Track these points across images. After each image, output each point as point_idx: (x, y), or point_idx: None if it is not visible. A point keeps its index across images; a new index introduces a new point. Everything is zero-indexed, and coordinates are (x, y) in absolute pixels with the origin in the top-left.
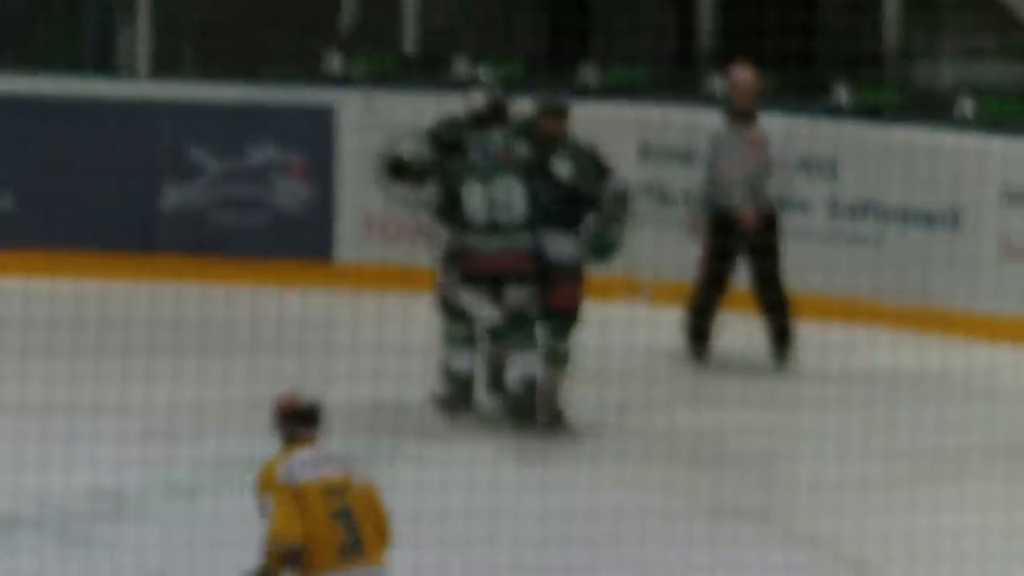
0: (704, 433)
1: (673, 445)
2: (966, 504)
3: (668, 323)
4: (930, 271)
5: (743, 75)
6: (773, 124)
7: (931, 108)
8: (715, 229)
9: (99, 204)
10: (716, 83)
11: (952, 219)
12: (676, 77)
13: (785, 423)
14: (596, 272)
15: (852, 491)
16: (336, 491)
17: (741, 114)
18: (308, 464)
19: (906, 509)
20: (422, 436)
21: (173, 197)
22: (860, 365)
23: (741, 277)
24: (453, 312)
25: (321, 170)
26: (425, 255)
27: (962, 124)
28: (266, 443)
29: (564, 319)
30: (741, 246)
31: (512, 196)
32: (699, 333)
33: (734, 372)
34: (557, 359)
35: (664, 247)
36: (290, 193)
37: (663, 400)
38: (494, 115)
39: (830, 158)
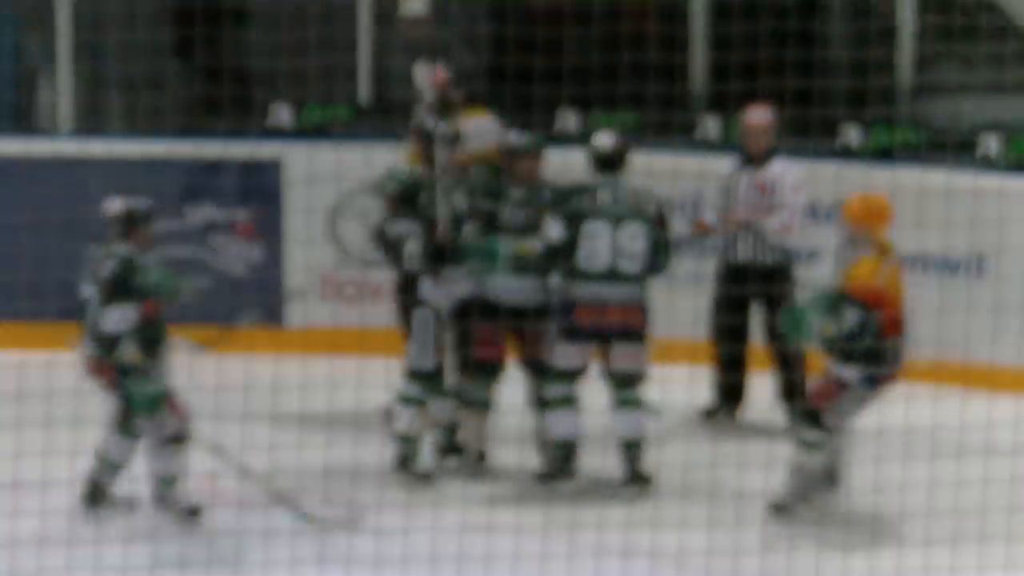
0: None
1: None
2: (987, 566)
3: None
4: (949, 321)
5: (753, 115)
6: (789, 167)
7: (951, 147)
8: (724, 279)
9: (23, 269)
10: (710, 126)
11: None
12: (667, 121)
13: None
14: None
15: (863, 553)
16: None
17: (751, 157)
18: None
19: (922, 573)
20: (380, 505)
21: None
22: (872, 421)
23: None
24: (553, 374)
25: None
26: (380, 317)
27: (985, 164)
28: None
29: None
30: (752, 296)
31: (636, 245)
32: (730, 390)
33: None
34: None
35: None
36: (235, 254)
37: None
38: (620, 159)
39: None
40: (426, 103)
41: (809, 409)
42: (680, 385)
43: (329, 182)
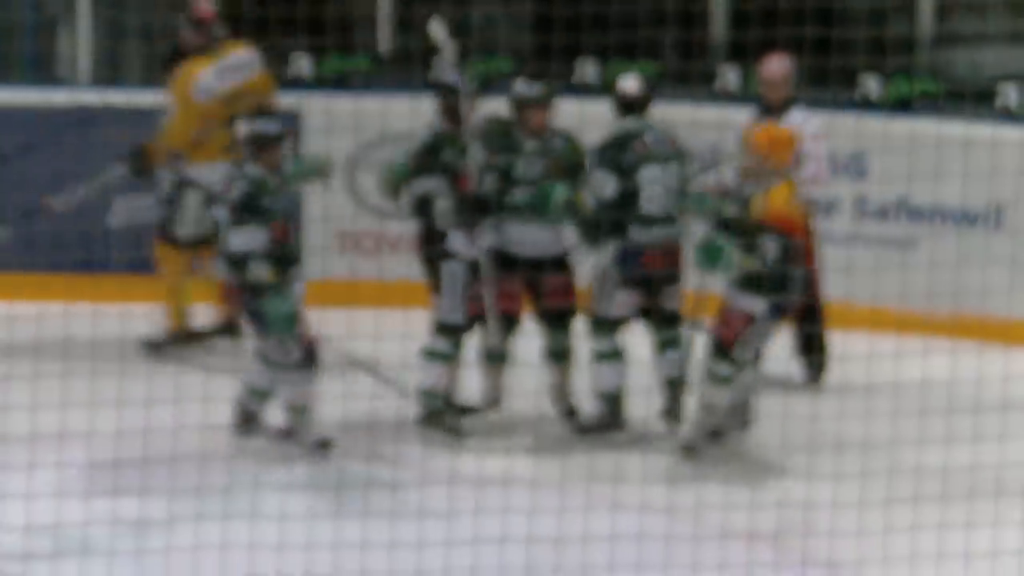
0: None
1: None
2: (1002, 523)
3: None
4: (966, 274)
5: (770, 65)
6: (808, 117)
7: (970, 98)
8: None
9: (41, 220)
10: (729, 76)
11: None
12: (685, 70)
13: (803, 438)
14: None
15: (876, 511)
16: None
17: (769, 108)
18: None
19: (939, 528)
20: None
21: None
22: (887, 375)
23: None
24: (605, 324)
25: None
26: (398, 269)
27: (1004, 115)
28: (223, 471)
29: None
30: None
31: (675, 185)
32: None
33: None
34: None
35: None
36: None
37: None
38: (647, 102)
39: (858, 155)
40: (445, 56)
41: (717, 343)
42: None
43: (348, 133)
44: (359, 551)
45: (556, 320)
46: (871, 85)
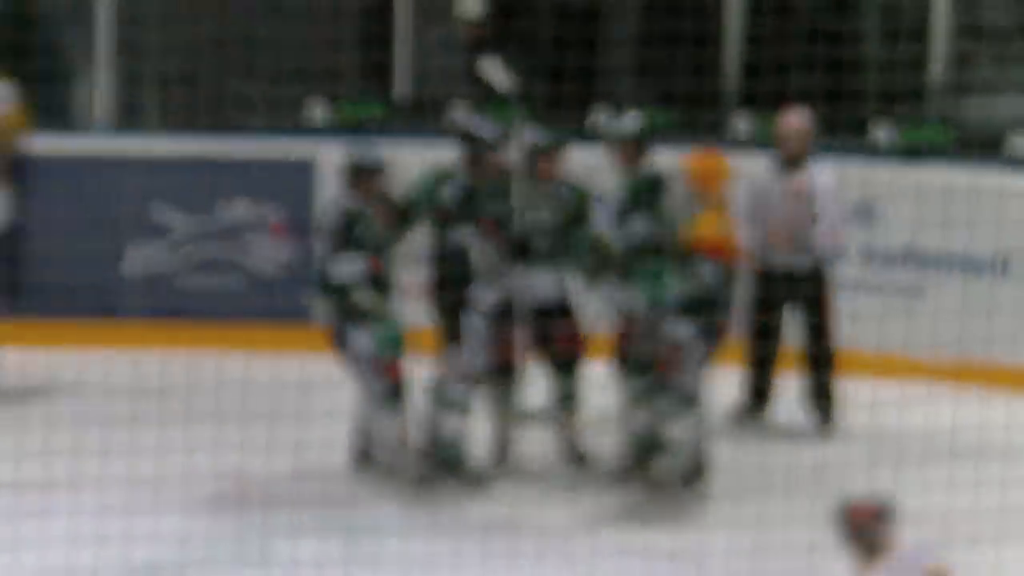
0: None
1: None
2: (1004, 570)
3: None
4: (971, 321)
5: (788, 119)
6: (824, 172)
7: (979, 147)
8: (760, 281)
9: (58, 268)
10: (741, 124)
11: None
12: (698, 119)
13: (807, 486)
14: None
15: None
16: None
17: (786, 161)
18: None
19: None
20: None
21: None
22: (892, 422)
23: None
24: (637, 365)
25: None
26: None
27: (1012, 163)
28: (230, 517)
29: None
30: (787, 299)
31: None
32: (758, 391)
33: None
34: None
35: None
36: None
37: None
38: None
39: (867, 202)
40: (466, 105)
41: (657, 378)
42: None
43: None
44: None
45: (564, 366)
46: (882, 133)
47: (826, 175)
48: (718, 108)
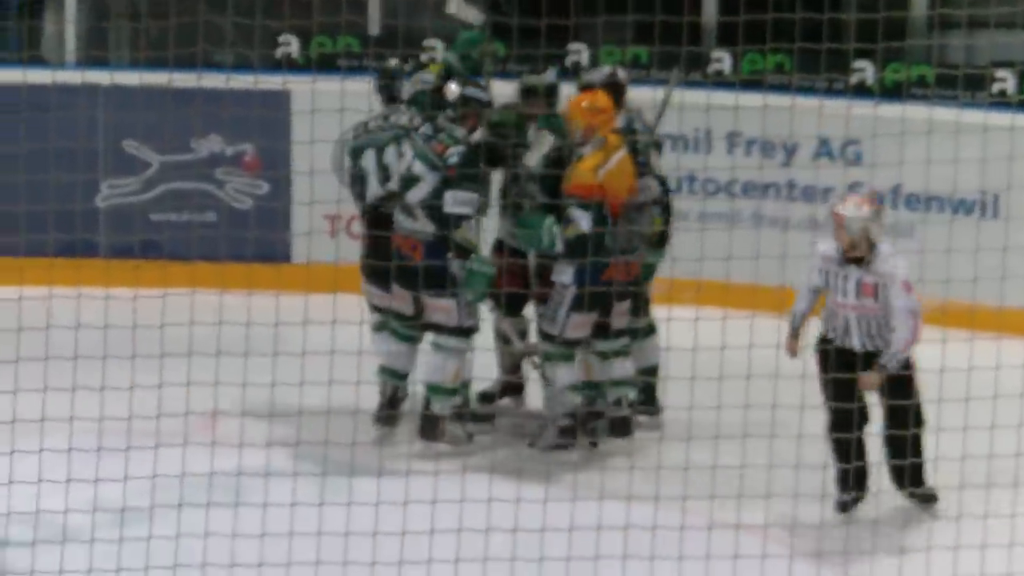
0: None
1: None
2: (992, 512)
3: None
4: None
5: (847, 209)
6: (896, 260)
7: (964, 83)
8: (832, 363)
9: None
10: (722, 60)
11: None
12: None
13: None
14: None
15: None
16: None
17: (854, 260)
18: None
19: (930, 519)
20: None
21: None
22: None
23: None
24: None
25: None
26: None
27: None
28: (203, 457)
29: None
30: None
31: None
32: (857, 481)
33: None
34: None
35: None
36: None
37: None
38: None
39: (849, 141)
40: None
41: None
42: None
43: (336, 115)
44: (342, 538)
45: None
46: (866, 71)
47: (899, 264)
48: (698, 43)
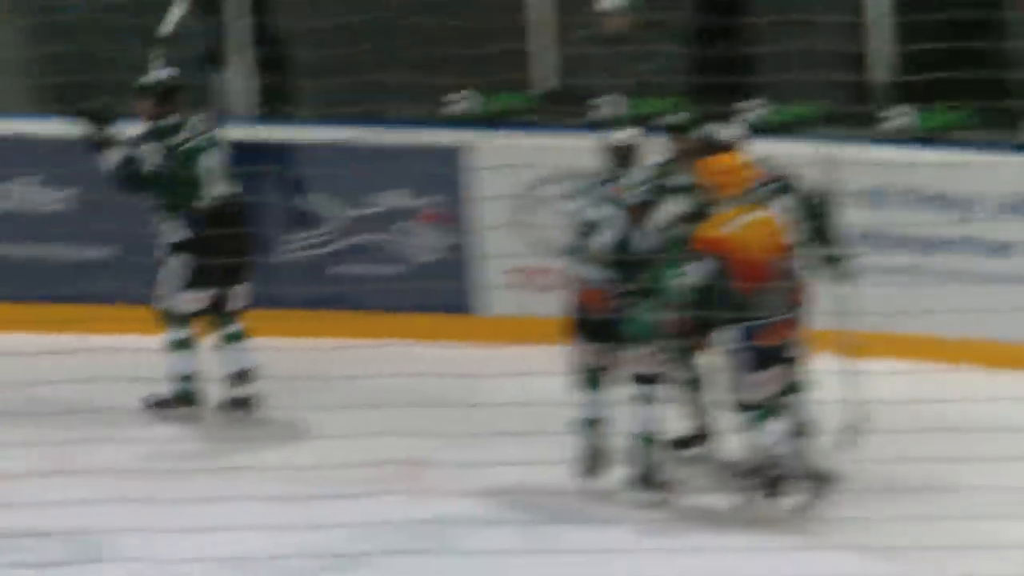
0: None
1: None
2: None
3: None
4: None
5: None
6: None
7: None
8: None
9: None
10: (893, 116)
11: None
12: (849, 112)
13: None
14: None
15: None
16: None
17: None
18: None
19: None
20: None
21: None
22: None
23: None
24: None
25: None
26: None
27: None
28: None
29: None
30: None
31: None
32: None
33: None
34: None
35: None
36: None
37: None
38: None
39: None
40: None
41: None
42: None
43: (516, 169)
44: None
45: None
46: None
47: None
48: (870, 101)
